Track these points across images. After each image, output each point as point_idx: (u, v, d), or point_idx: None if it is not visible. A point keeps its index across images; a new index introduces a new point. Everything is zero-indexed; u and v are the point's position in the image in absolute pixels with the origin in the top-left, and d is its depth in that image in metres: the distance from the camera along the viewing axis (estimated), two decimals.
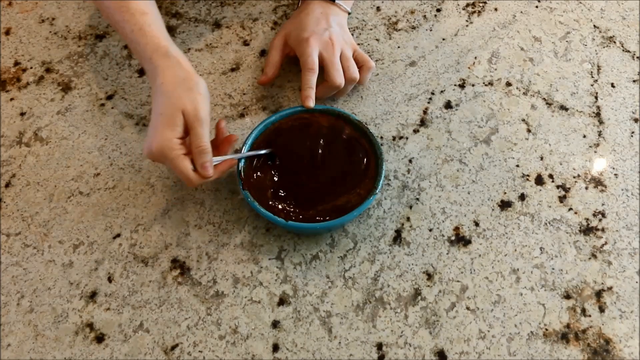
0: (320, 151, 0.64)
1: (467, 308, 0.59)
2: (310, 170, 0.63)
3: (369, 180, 0.62)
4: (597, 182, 0.66)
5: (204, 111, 0.57)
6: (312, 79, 0.65)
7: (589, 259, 0.62)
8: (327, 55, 0.67)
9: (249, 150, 0.63)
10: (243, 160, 0.62)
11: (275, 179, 0.63)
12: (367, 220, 0.64)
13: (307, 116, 0.66)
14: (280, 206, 0.61)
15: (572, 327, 0.58)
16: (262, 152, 0.63)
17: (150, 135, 0.57)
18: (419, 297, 0.60)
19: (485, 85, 0.73)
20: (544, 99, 0.72)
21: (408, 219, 0.64)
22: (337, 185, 0.62)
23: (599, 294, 0.60)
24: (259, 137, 0.64)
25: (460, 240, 0.63)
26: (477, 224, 0.64)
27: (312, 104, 0.65)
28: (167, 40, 0.60)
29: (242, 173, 0.61)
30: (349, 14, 0.74)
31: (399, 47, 0.76)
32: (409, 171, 0.67)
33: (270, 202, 0.61)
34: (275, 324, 0.59)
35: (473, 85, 0.73)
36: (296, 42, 0.68)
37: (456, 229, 0.64)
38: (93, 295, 0.61)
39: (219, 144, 0.63)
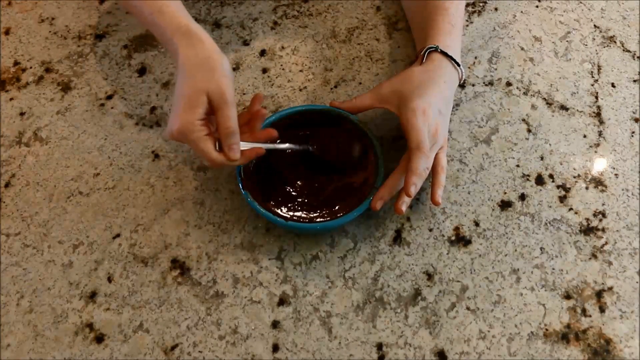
0: (319, 151, 0.64)
1: (467, 308, 0.59)
2: (310, 170, 0.63)
3: (369, 181, 0.61)
4: (598, 182, 0.66)
5: (230, 92, 0.56)
6: (425, 164, 0.58)
7: (590, 259, 0.62)
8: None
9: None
10: None
11: (276, 179, 0.63)
12: (367, 220, 0.64)
13: (306, 117, 0.65)
14: (280, 206, 0.61)
15: (572, 328, 0.58)
16: (297, 147, 0.62)
17: (172, 118, 0.57)
18: (419, 297, 0.60)
19: (486, 85, 0.73)
20: (544, 98, 0.72)
21: (408, 219, 0.64)
22: (336, 185, 0.62)
23: (599, 294, 0.60)
24: None
25: (460, 240, 0.63)
26: (477, 224, 0.64)
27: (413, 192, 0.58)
28: (187, 18, 0.59)
29: (242, 173, 0.61)
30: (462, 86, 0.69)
31: (399, 47, 0.76)
32: None
33: (270, 202, 0.61)
34: (275, 324, 0.59)
35: (473, 85, 0.73)
36: (405, 104, 0.60)
37: (456, 229, 0.64)
38: (93, 296, 0.61)
39: (249, 120, 0.61)
